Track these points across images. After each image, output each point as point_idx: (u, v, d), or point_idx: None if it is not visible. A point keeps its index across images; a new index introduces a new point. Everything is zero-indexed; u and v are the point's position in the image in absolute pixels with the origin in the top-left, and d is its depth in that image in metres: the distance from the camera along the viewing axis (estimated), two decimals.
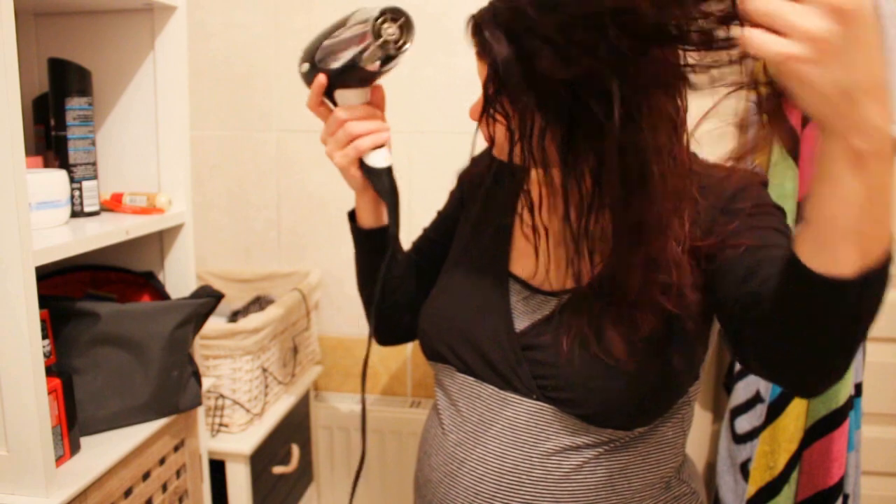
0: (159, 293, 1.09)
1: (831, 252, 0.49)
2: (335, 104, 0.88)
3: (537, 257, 0.80)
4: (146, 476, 0.97)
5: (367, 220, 0.93)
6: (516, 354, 0.76)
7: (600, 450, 0.75)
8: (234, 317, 1.50)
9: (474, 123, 0.78)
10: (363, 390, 0.90)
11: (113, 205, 1.07)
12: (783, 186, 1.31)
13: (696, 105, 0.62)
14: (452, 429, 0.81)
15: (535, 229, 0.74)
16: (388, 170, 0.87)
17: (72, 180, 1.00)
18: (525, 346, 0.76)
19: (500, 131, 0.70)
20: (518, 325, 0.78)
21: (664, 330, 0.72)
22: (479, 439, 0.78)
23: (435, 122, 1.54)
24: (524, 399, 0.76)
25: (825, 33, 0.42)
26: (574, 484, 0.74)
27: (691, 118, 0.65)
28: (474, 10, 0.73)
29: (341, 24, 0.83)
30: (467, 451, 0.78)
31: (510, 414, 0.76)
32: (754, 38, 0.44)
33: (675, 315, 0.71)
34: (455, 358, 0.82)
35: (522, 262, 0.82)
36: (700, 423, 1.59)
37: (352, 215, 0.95)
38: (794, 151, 1.32)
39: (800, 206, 1.34)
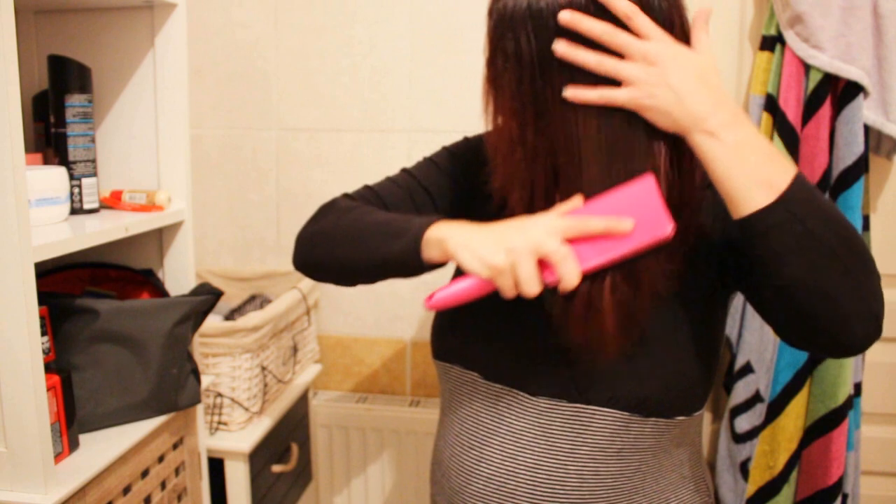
0: (158, 290, 1.09)
1: (746, 199, 0.63)
2: None
3: None
4: (145, 473, 0.97)
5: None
6: (552, 357, 0.75)
7: (636, 454, 0.74)
8: (231, 315, 1.50)
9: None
10: None
11: (112, 202, 1.07)
12: None
13: None
14: (475, 444, 0.79)
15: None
16: None
17: (71, 177, 0.99)
18: (561, 348, 0.74)
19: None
20: (552, 327, 0.75)
21: (697, 318, 0.74)
22: (507, 451, 0.76)
23: (435, 122, 1.54)
24: (561, 402, 0.74)
25: (643, 74, 0.64)
26: (604, 488, 0.74)
27: None
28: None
29: None
30: (495, 467, 0.76)
31: (545, 421, 0.74)
32: (602, 93, 0.65)
33: (701, 302, 0.74)
34: (485, 365, 0.79)
35: None
36: None
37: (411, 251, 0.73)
38: (794, 151, 1.32)
39: None
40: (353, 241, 0.78)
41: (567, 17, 0.64)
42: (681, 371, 0.73)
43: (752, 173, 0.62)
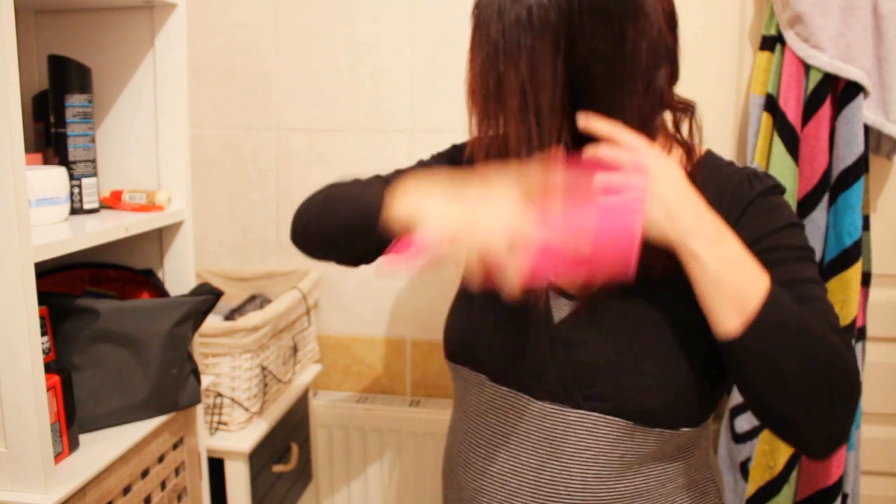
0: (158, 290, 1.09)
1: (719, 319, 0.65)
2: None
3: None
4: (145, 473, 0.97)
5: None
6: (557, 364, 0.75)
7: (639, 459, 0.74)
8: (231, 315, 1.50)
9: None
10: None
11: (112, 202, 1.07)
12: (783, 185, 1.31)
13: None
14: (482, 442, 0.79)
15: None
16: None
17: (71, 177, 0.99)
18: (571, 357, 0.74)
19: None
20: (561, 330, 0.76)
21: (706, 330, 0.73)
22: (511, 451, 0.76)
23: (435, 122, 1.54)
24: (565, 408, 0.74)
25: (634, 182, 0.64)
26: (607, 491, 0.73)
27: None
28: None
29: None
30: (500, 466, 0.76)
31: (548, 425, 0.74)
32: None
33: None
34: (492, 369, 0.79)
35: None
36: None
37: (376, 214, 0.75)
38: (793, 151, 1.32)
39: (799, 206, 1.34)
40: (331, 206, 0.83)
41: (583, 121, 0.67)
42: (688, 384, 0.72)
43: (727, 294, 0.64)
